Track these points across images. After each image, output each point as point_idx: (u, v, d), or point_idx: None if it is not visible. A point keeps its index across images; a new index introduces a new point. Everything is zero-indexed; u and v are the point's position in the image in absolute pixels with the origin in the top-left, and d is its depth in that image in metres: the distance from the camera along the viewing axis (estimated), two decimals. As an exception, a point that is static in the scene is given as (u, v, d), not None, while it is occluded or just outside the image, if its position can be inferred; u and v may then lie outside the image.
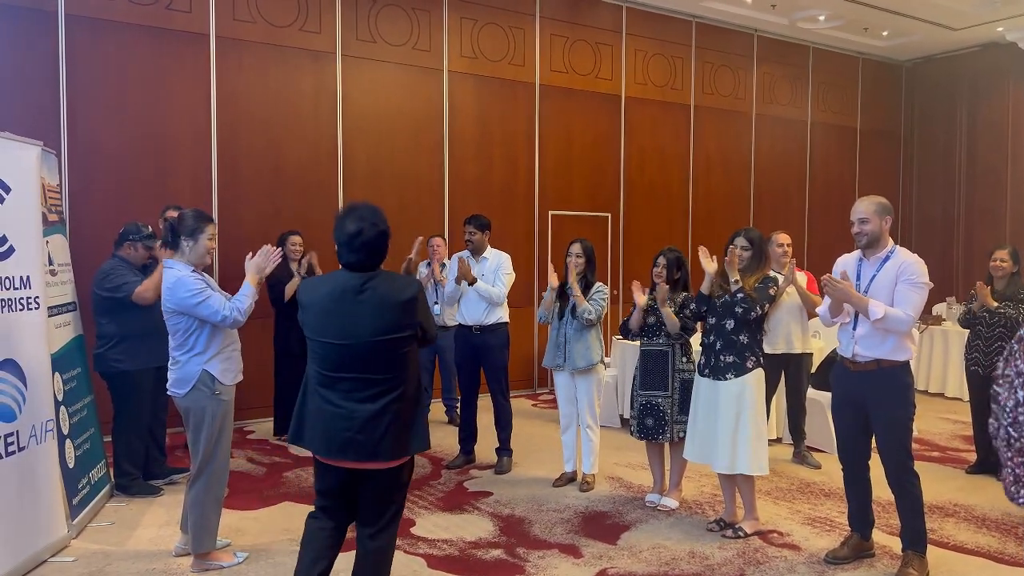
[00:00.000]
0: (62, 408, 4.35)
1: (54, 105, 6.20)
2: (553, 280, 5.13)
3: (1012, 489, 1.37)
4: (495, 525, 4.52)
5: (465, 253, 5.65)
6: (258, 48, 7.07)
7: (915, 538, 3.77)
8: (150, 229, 5.02)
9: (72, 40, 6.25)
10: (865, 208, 3.77)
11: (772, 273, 4.44)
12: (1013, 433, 1.30)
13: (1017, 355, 1.30)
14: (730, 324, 4.23)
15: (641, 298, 4.76)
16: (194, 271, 3.74)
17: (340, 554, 3.04)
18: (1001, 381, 1.34)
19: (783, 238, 5.76)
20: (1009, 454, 1.32)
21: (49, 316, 4.28)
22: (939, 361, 8.49)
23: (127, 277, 4.78)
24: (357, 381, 2.81)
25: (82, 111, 6.30)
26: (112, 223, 5.72)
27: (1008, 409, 1.31)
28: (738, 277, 4.19)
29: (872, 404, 3.75)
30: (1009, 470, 1.34)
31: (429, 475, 5.51)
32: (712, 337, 4.31)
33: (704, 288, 4.34)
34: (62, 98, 6.22)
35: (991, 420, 1.39)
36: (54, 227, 4.70)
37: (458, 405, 6.06)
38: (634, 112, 9.36)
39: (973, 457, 5.76)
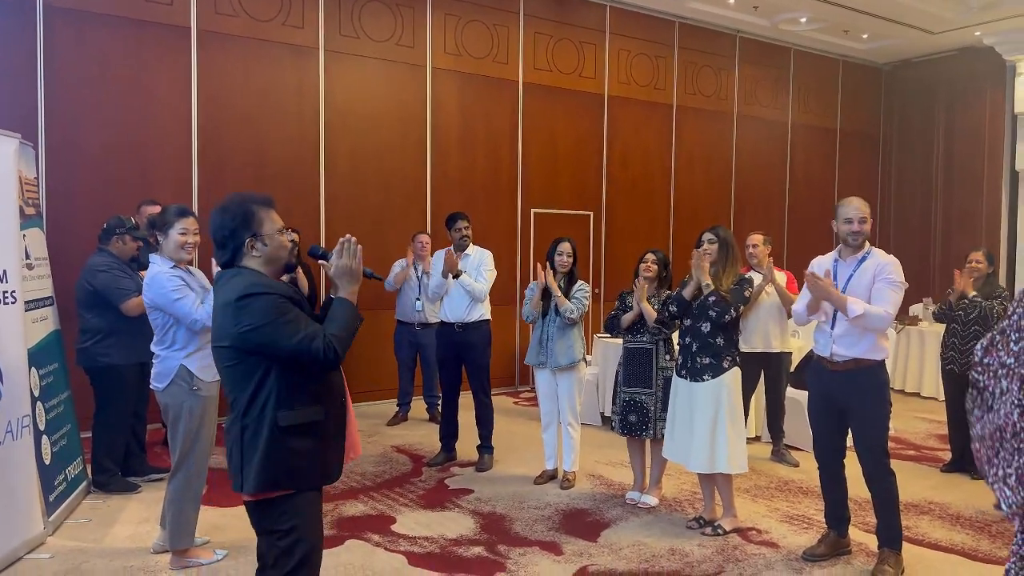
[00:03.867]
0: (39, 404, 4.30)
1: (31, 97, 6.11)
2: (542, 278, 5.10)
3: (996, 487, 1.39)
4: (476, 522, 4.52)
5: (448, 249, 5.64)
6: (240, 42, 7.01)
7: (891, 535, 3.82)
8: (134, 221, 4.99)
9: (50, 31, 6.17)
10: (866, 209, 3.81)
11: (749, 274, 4.49)
12: (998, 421, 1.33)
13: (999, 346, 1.33)
14: (705, 327, 4.27)
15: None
16: (174, 267, 3.72)
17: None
18: (980, 369, 1.36)
19: (755, 238, 5.80)
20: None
21: (26, 311, 4.23)
22: (915, 361, 8.59)
23: (123, 283, 4.73)
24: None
25: (60, 103, 6.22)
26: (91, 217, 5.67)
27: (997, 395, 1.34)
28: (709, 280, 4.24)
29: (849, 403, 3.80)
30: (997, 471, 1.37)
31: (410, 472, 5.51)
32: (688, 339, 4.35)
33: (687, 293, 4.36)
34: (40, 90, 6.14)
35: (970, 398, 1.41)
36: (31, 220, 4.64)
37: (439, 402, 6.06)
38: (617, 111, 9.38)
39: (948, 456, 5.84)
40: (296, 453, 2.39)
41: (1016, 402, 1.28)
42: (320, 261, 2.65)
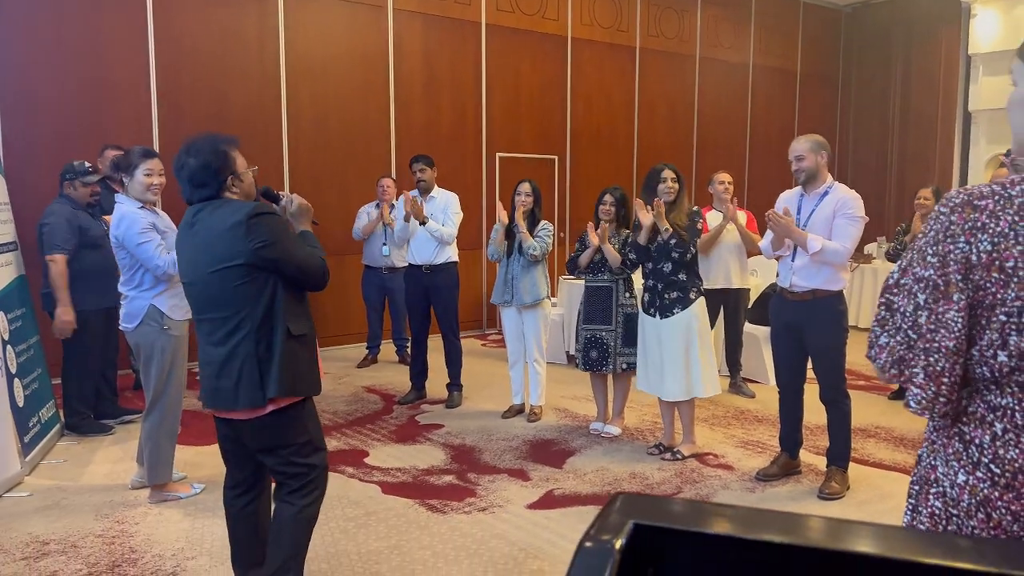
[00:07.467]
0: (9, 347, 4.32)
1: (-18, 39, 5.96)
2: (503, 216, 5.23)
3: (882, 356, 1.48)
4: (447, 454, 4.69)
5: (413, 192, 5.68)
6: (196, -18, 6.85)
7: (840, 455, 4.06)
8: (88, 165, 4.92)
9: (-2, -30, 5.99)
10: (801, 147, 3.96)
11: (700, 211, 4.63)
12: (913, 335, 1.43)
13: (915, 264, 1.43)
14: (668, 267, 4.41)
15: (596, 239, 4.86)
16: (142, 207, 3.74)
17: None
18: (896, 290, 1.46)
19: (725, 176, 5.94)
20: (904, 353, 1.44)
21: (-9, 255, 4.22)
22: (869, 298, 8.89)
23: (59, 236, 4.62)
24: (210, 322, 2.59)
25: (15, 48, 6.06)
26: (50, 163, 5.61)
27: (908, 313, 1.43)
28: (668, 225, 4.35)
29: (808, 330, 3.99)
30: (896, 355, 1.46)
31: (381, 410, 5.65)
32: (652, 280, 4.50)
33: (641, 239, 4.48)
34: (-10, 32, 5.99)
35: (874, 327, 1.52)
36: (-9, 165, 4.58)
37: (408, 345, 6.16)
38: (580, 54, 9.37)
39: (895, 385, 6.13)
40: (302, 360, 2.61)
41: (927, 308, 1.39)
42: (271, 202, 2.81)
